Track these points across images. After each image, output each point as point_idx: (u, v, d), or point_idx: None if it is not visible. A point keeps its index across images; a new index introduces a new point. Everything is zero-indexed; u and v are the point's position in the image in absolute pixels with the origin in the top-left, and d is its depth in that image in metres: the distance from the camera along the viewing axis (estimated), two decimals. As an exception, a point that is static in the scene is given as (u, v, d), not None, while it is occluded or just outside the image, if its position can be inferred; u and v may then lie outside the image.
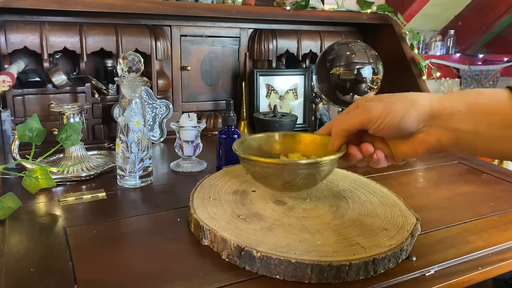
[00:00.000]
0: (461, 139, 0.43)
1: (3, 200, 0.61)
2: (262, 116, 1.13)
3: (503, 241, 0.59)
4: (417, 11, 2.35)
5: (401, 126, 0.46)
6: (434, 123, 0.45)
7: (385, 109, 0.46)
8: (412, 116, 0.45)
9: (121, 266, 0.50)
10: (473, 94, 0.42)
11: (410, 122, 0.45)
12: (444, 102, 0.44)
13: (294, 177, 0.56)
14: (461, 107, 0.42)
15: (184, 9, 1.01)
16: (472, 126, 0.42)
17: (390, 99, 0.47)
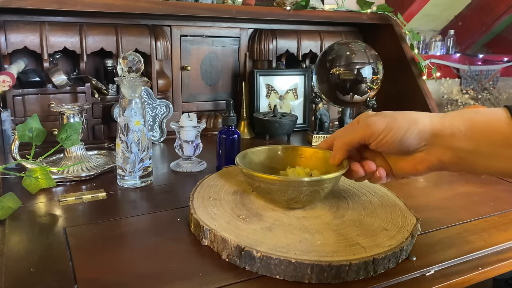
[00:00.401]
0: (462, 158, 0.44)
1: (3, 200, 0.61)
2: (262, 116, 1.13)
3: (503, 241, 0.59)
4: (417, 11, 2.35)
5: (403, 143, 0.46)
6: (435, 142, 0.45)
7: (388, 124, 0.46)
8: (414, 133, 0.46)
9: (121, 266, 0.50)
10: (471, 113, 0.43)
11: (411, 139, 0.46)
12: (445, 121, 0.44)
13: (299, 194, 0.56)
14: (461, 126, 0.43)
15: (184, 9, 1.01)
16: (473, 145, 0.43)
17: (393, 115, 0.47)
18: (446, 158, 0.45)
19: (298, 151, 0.70)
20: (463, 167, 0.45)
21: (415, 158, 0.48)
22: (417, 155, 0.48)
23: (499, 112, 0.41)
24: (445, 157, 0.45)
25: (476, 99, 2.49)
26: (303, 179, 0.56)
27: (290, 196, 0.57)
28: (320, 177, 0.56)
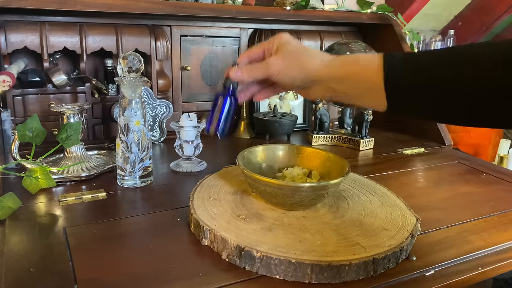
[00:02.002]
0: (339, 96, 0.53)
1: (3, 200, 0.61)
2: (262, 116, 1.13)
3: (503, 241, 0.59)
4: (417, 11, 2.35)
5: (292, 83, 0.55)
6: (316, 84, 0.54)
7: (281, 70, 0.54)
8: (299, 79, 0.54)
9: (121, 266, 0.50)
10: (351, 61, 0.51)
11: (298, 83, 0.55)
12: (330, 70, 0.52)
13: (305, 198, 0.57)
14: (340, 73, 0.51)
15: (184, 9, 1.01)
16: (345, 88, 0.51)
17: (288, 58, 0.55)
18: (327, 94, 0.54)
19: (297, 151, 0.70)
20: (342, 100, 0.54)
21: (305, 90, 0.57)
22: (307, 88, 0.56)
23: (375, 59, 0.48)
24: (327, 93, 0.54)
25: (476, 99, 2.48)
26: (311, 185, 0.57)
27: (296, 200, 0.57)
28: (327, 182, 0.57)
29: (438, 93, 0.44)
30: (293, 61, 0.55)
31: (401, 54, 0.48)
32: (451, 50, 0.47)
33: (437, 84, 0.44)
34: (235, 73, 0.58)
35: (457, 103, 0.43)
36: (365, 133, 1.06)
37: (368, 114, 1.05)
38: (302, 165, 0.69)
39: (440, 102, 0.44)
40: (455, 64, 0.44)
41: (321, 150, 0.69)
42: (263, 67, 0.56)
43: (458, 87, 0.43)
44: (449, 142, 1.12)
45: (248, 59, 0.60)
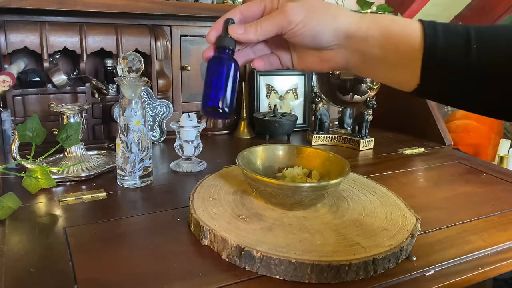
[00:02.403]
0: (367, 62, 0.45)
1: (3, 200, 0.61)
2: (262, 116, 1.13)
3: (503, 241, 0.59)
4: (417, 11, 2.35)
5: (316, 39, 0.44)
6: (346, 44, 0.45)
7: (306, 17, 0.43)
8: (329, 31, 0.44)
9: (121, 266, 0.50)
10: (389, 21, 0.43)
11: (325, 37, 0.44)
12: (361, 24, 0.44)
13: (305, 198, 0.57)
14: (376, 32, 0.43)
15: (184, 9, 1.01)
16: (381, 52, 0.43)
17: (312, 6, 0.44)
18: (353, 60, 0.45)
19: (297, 151, 0.70)
20: (365, 71, 0.46)
21: (322, 55, 0.46)
22: (326, 52, 0.46)
23: (414, 24, 0.42)
24: (352, 59, 0.45)
25: (476, 99, 2.48)
26: (311, 185, 0.57)
27: (296, 200, 0.57)
28: (327, 182, 0.57)
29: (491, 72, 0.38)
30: (320, 9, 0.44)
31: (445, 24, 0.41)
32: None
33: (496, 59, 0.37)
34: (237, 28, 0.46)
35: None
36: (365, 133, 1.06)
37: (368, 114, 1.05)
38: (302, 165, 0.69)
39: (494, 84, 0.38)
40: None
41: (321, 150, 0.69)
42: (278, 16, 0.44)
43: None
44: (449, 142, 1.12)
45: (241, 18, 0.47)
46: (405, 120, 1.24)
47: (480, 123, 1.75)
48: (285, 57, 0.51)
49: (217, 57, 0.48)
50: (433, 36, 0.40)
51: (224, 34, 0.48)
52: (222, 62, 0.48)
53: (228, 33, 0.47)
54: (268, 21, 0.44)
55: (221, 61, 0.48)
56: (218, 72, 0.47)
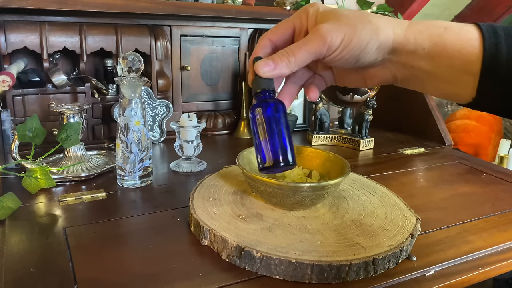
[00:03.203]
0: (416, 77, 0.40)
1: (3, 200, 0.61)
2: (262, 116, 1.13)
3: (503, 241, 0.59)
4: (417, 11, 2.35)
5: (360, 59, 0.39)
6: (393, 58, 0.40)
7: (346, 37, 0.38)
8: (374, 47, 0.38)
9: (121, 266, 0.50)
10: (441, 29, 0.38)
11: (370, 54, 0.39)
12: (409, 35, 0.38)
13: (305, 198, 0.57)
14: (426, 43, 0.38)
15: (184, 9, 1.01)
16: (432, 66, 0.38)
17: (350, 22, 0.38)
18: (400, 75, 0.41)
19: (297, 151, 0.70)
20: (413, 85, 0.41)
21: (366, 73, 0.42)
22: (370, 69, 0.42)
23: (470, 31, 0.37)
24: (399, 74, 0.41)
25: (476, 99, 2.48)
26: (311, 185, 0.56)
27: (296, 200, 0.57)
28: (327, 182, 0.56)
29: None
30: (359, 23, 0.38)
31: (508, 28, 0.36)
32: None
33: None
34: (264, 65, 0.40)
35: None
36: (365, 133, 1.06)
37: (368, 114, 1.05)
38: (302, 165, 0.69)
39: None
40: None
41: (321, 150, 0.69)
42: (313, 41, 0.38)
43: None
44: (449, 142, 1.12)
45: (272, 46, 0.42)
46: (405, 120, 1.24)
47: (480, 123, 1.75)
48: (328, 75, 0.46)
49: (258, 105, 0.42)
50: (495, 46, 0.35)
51: (257, 76, 0.41)
52: (266, 110, 0.42)
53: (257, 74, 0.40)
54: (301, 49, 0.38)
55: (265, 109, 0.42)
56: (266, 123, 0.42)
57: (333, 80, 0.46)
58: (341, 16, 0.38)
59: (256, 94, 0.43)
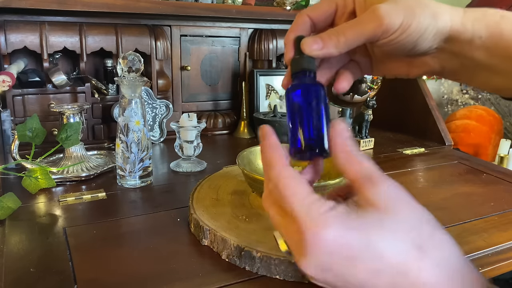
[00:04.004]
0: (466, 68, 0.37)
1: (3, 200, 0.61)
2: (262, 116, 1.13)
3: (503, 241, 0.59)
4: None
5: (417, 45, 0.35)
6: (446, 47, 0.36)
7: (406, 20, 0.34)
8: (432, 34, 0.35)
9: (121, 266, 0.50)
10: (497, 17, 0.34)
11: (427, 41, 0.35)
12: (466, 22, 0.35)
13: None
14: (482, 31, 0.35)
15: (184, 9, 1.01)
16: (487, 57, 0.35)
17: (409, 4, 0.34)
18: (449, 65, 0.37)
19: None
20: (460, 77, 0.39)
21: (414, 61, 0.39)
22: (420, 58, 0.38)
23: None
24: (449, 64, 0.37)
25: (476, 99, 2.49)
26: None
27: None
28: (326, 182, 0.56)
29: None
30: (418, 8, 0.34)
31: None
32: None
33: None
34: (312, 43, 0.36)
35: None
36: (365, 133, 1.06)
37: (368, 114, 1.05)
38: (302, 165, 0.69)
39: None
40: None
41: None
42: (369, 22, 0.34)
43: None
44: (449, 142, 1.12)
45: (311, 23, 0.38)
46: (405, 120, 1.23)
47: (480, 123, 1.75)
48: (365, 62, 0.43)
49: (298, 86, 0.38)
50: None
51: (298, 55, 0.38)
52: (307, 92, 0.38)
53: (303, 52, 0.37)
54: (354, 29, 0.35)
55: (306, 91, 0.38)
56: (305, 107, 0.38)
57: (370, 68, 0.43)
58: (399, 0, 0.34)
59: (296, 74, 0.39)
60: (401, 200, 0.32)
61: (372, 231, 0.30)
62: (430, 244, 0.31)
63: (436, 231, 0.32)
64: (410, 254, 0.30)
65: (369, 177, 0.32)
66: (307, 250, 0.30)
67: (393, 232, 0.30)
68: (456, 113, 1.93)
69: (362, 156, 0.34)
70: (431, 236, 0.31)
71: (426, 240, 0.31)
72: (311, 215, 0.30)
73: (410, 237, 0.30)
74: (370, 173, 0.33)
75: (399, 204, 0.32)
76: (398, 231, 0.30)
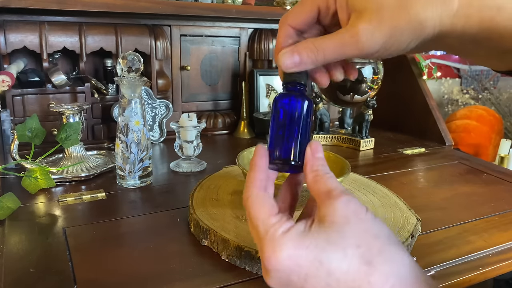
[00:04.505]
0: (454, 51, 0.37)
1: (3, 200, 0.61)
2: (262, 116, 1.13)
3: (504, 241, 0.59)
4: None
5: (400, 53, 0.36)
6: (431, 44, 0.36)
7: (387, 43, 0.33)
8: (415, 45, 0.35)
9: (120, 266, 0.50)
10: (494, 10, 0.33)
11: (409, 49, 0.35)
12: (457, 22, 0.33)
13: (305, 198, 0.57)
14: (474, 29, 0.33)
15: (184, 9, 1.00)
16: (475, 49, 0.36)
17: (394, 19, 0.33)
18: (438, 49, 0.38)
19: None
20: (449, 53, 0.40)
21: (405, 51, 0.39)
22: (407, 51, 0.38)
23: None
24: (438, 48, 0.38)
25: (477, 99, 2.49)
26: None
27: None
28: None
29: None
30: (403, 22, 0.32)
31: None
32: None
33: None
34: (287, 58, 0.37)
35: None
36: (365, 133, 1.06)
37: (368, 114, 1.05)
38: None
39: None
40: None
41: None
42: (347, 41, 0.34)
43: None
44: (449, 142, 1.11)
45: (296, 32, 0.38)
46: (406, 120, 1.23)
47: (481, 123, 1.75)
48: None
49: (285, 96, 0.40)
50: None
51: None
52: (293, 104, 0.39)
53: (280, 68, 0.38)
54: (332, 45, 0.35)
55: (292, 103, 0.39)
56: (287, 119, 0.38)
57: None
58: (382, 9, 0.32)
59: (286, 85, 0.41)
60: (351, 216, 0.32)
61: (321, 249, 0.31)
62: (380, 259, 0.31)
63: (386, 246, 0.32)
64: (360, 269, 0.31)
65: (327, 194, 0.34)
66: (267, 268, 0.33)
67: (341, 249, 0.31)
68: (457, 113, 1.93)
69: (328, 176, 0.36)
70: (381, 251, 0.31)
71: (376, 255, 0.31)
72: (269, 237, 0.33)
73: (359, 252, 0.31)
74: (330, 191, 0.34)
75: (349, 219, 0.32)
76: (347, 248, 0.31)
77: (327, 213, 0.33)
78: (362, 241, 0.31)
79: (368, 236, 0.32)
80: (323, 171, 0.36)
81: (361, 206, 0.33)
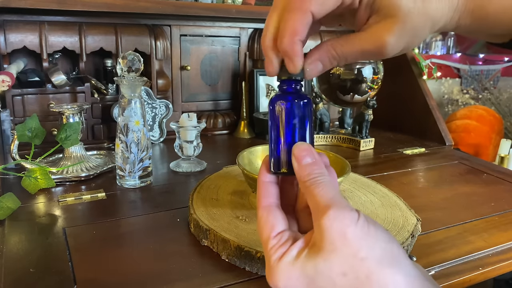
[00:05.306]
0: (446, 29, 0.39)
1: (3, 200, 0.61)
2: (262, 116, 1.13)
3: (504, 241, 0.59)
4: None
5: None
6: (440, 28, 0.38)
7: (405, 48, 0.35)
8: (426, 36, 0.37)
9: (120, 266, 0.50)
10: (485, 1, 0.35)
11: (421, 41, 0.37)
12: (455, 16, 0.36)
13: None
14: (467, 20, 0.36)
15: (184, 9, 1.00)
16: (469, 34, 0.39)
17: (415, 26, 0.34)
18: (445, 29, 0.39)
19: None
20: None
21: None
22: None
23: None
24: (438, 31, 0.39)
25: (477, 99, 2.49)
26: None
27: None
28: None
29: None
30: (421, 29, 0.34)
31: None
32: None
33: None
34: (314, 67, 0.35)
35: None
36: (365, 133, 1.06)
37: (368, 114, 1.05)
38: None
39: None
40: None
41: (321, 150, 0.69)
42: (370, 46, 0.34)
43: None
44: (449, 142, 1.11)
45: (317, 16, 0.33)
46: (406, 120, 1.23)
47: (481, 123, 1.75)
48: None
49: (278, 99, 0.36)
50: None
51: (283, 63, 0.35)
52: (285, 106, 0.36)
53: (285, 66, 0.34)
54: (354, 52, 0.34)
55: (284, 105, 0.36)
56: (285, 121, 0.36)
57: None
58: (409, 15, 0.33)
59: (280, 83, 0.37)
60: (337, 240, 0.31)
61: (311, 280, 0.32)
62: (367, 285, 0.30)
63: (374, 269, 0.30)
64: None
65: (316, 210, 0.33)
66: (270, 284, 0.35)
67: (329, 278, 0.31)
68: (457, 113, 1.93)
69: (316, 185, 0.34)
70: (368, 277, 0.30)
71: (364, 282, 0.30)
72: (267, 260, 0.35)
73: (346, 281, 0.31)
74: (318, 204, 0.33)
75: (335, 245, 0.31)
76: (334, 277, 0.31)
77: (316, 237, 0.32)
78: (348, 269, 0.31)
79: (356, 261, 0.31)
80: (310, 181, 0.34)
81: (350, 218, 0.31)
